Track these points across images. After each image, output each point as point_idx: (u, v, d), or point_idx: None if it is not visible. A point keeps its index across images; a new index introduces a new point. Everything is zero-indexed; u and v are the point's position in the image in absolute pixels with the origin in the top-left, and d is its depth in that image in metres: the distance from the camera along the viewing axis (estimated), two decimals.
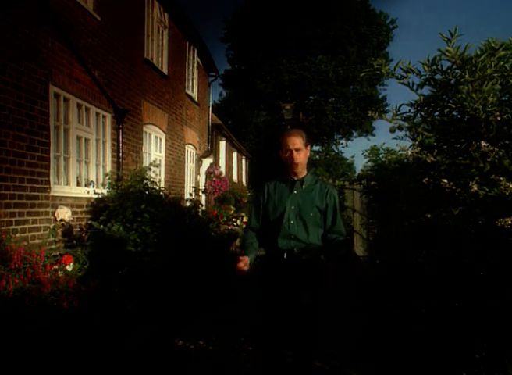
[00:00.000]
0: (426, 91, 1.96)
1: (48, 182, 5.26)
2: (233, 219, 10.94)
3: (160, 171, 9.05)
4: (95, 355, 3.34)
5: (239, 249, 2.79)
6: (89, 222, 5.77)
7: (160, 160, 9.38)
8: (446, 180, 1.83)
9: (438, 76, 1.88)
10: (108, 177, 6.49)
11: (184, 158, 11.19)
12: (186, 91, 11.37)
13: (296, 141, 2.69)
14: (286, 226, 2.67)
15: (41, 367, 2.95)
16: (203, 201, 11.57)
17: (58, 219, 5.36)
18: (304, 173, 2.77)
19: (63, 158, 5.72)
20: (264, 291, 2.74)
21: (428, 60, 1.81)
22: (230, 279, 2.82)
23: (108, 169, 6.94)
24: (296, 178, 2.76)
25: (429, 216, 2.16)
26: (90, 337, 3.43)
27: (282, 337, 2.67)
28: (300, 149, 2.69)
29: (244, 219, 11.27)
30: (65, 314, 3.50)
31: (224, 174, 13.75)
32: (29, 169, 4.88)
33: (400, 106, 2.01)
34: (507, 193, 1.64)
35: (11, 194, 4.60)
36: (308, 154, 2.79)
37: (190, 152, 12.03)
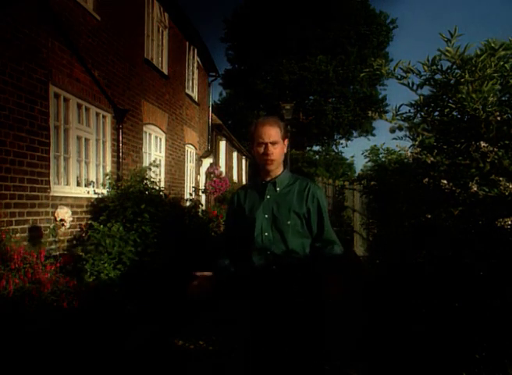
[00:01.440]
0: (426, 91, 1.96)
1: (48, 182, 5.26)
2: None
3: (160, 171, 9.05)
4: (95, 354, 3.34)
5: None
6: (89, 222, 5.77)
7: (160, 160, 9.38)
8: (445, 181, 1.83)
9: (438, 76, 1.88)
10: (108, 177, 6.49)
11: (184, 158, 11.20)
12: (186, 91, 11.38)
13: (272, 133, 2.15)
14: (259, 240, 2.17)
15: (41, 367, 2.95)
16: (203, 201, 11.57)
17: (58, 219, 5.35)
18: (279, 171, 2.24)
19: (63, 158, 5.73)
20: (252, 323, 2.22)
21: (428, 60, 1.81)
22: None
23: (108, 169, 6.94)
24: (268, 179, 2.23)
25: (429, 216, 2.16)
26: (90, 337, 3.44)
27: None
28: (276, 143, 2.16)
29: None
30: (65, 314, 3.50)
31: (224, 174, 13.75)
32: (29, 169, 4.88)
33: (399, 106, 2.01)
34: (507, 193, 1.64)
35: (11, 194, 4.60)
36: (285, 149, 2.26)
37: (190, 152, 12.03)
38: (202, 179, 12.84)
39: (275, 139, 2.16)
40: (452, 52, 1.72)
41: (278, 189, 2.21)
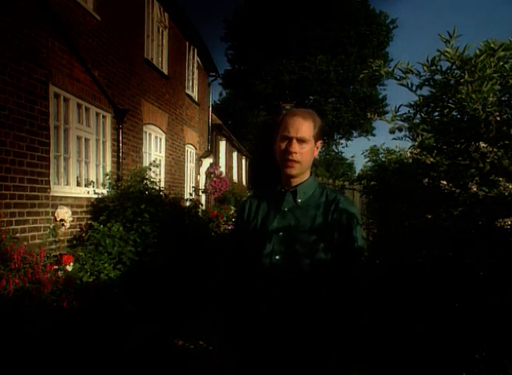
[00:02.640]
0: (426, 91, 1.96)
1: (48, 182, 5.26)
2: (233, 219, 10.94)
3: (160, 171, 9.05)
4: (95, 355, 3.35)
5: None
6: (89, 222, 5.77)
7: (160, 160, 9.39)
8: (445, 182, 1.83)
9: (437, 77, 1.88)
10: (108, 177, 6.50)
11: (184, 158, 11.20)
12: (186, 91, 11.38)
13: (303, 127, 1.66)
14: (267, 264, 1.66)
15: (42, 367, 2.95)
16: (203, 201, 11.58)
17: (58, 219, 5.36)
18: (304, 178, 1.76)
19: (63, 158, 5.73)
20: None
21: (428, 61, 1.81)
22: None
23: (108, 169, 6.94)
24: (288, 187, 1.74)
25: (429, 216, 2.16)
26: (90, 338, 3.44)
27: None
28: (305, 141, 1.67)
29: None
30: (65, 314, 3.50)
31: (224, 174, 13.76)
32: (29, 169, 4.88)
33: (399, 107, 2.01)
34: (507, 193, 1.64)
35: (11, 194, 4.60)
36: (317, 153, 1.79)
37: (190, 152, 12.03)
38: (202, 179, 12.85)
39: (303, 135, 1.66)
40: (451, 53, 1.72)
41: (299, 200, 1.72)
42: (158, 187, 6.44)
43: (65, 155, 5.76)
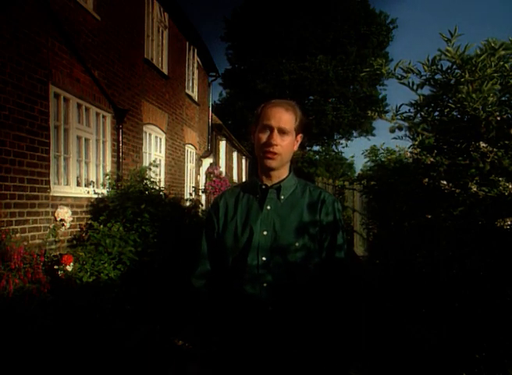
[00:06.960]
0: (426, 90, 1.96)
1: (48, 182, 5.26)
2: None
3: (160, 171, 9.06)
4: (94, 356, 3.34)
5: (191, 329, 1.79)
6: (89, 222, 5.77)
7: (160, 160, 9.39)
8: (445, 182, 1.83)
9: (438, 76, 1.88)
10: (108, 177, 6.50)
11: (184, 158, 11.20)
12: (186, 91, 11.38)
13: (285, 118, 1.59)
14: (254, 268, 1.57)
15: (42, 366, 2.95)
16: (203, 201, 11.58)
17: (58, 219, 5.36)
18: (285, 174, 1.67)
19: (63, 158, 5.73)
20: None
21: (428, 60, 1.81)
22: None
23: (108, 169, 6.94)
24: (269, 183, 1.65)
25: (429, 216, 2.16)
26: (90, 338, 3.44)
27: None
28: (286, 132, 1.59)
29: None
30: (65, 314, 3.50)
31: (224, 174, 13.75)
32: (29, 169, 4.88)
33: (400, 106, 2.01)
34: (507, 193, 1.64)
35: (11, 194, 4.60)
36: (297, 147, 1.69)
37: (190, 152, 12.04)
38: (202, 179, 12.85)
39: (285, 126, 1.58)
40: (452, 52, 1.72)
41: (282, 197, 1.63)
42: (157, 187, 6.44)
43: (65, 155, 5.76)
